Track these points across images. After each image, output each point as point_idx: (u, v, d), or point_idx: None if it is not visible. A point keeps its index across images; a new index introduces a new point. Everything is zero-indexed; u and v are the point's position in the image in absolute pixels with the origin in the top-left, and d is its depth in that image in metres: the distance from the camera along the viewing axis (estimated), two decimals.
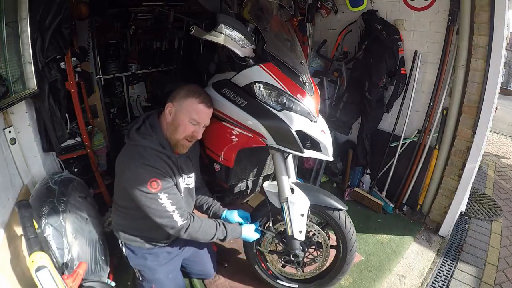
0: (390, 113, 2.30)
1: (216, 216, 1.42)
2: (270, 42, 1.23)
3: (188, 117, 1.14)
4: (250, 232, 1.36)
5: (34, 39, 1.27)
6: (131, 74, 3.31)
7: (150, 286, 1.35)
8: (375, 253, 1.86)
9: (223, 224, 1.29)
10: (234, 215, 1.40)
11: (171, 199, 1.12)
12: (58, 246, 1.15)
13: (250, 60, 1.23)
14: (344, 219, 1.34)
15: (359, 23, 2.29)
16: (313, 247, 1.47)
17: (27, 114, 1.39)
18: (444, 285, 1.65)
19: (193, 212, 1.41)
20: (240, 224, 1.38)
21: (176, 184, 1.20)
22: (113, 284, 1.34)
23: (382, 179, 2.39)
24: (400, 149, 2.26)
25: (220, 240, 1.28)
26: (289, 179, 1.31)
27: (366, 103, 2.18)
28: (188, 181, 1.30)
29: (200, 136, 1.21)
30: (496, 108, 2.71)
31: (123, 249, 1.36)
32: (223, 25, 1.12)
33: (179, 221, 1.15)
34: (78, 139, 1.93)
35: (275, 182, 1.32)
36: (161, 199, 1.10)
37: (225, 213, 1.41)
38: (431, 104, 2.06)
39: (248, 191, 1.57)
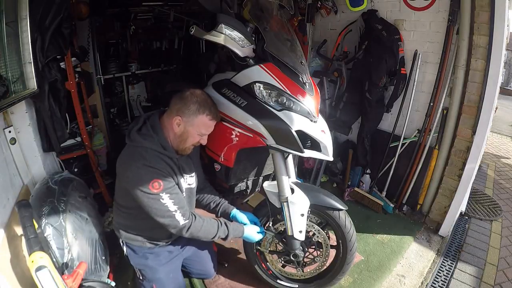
0: (390, 113, 2.30)
1: (225, 214, 1.41)
2: (270, 42, 1.23)
3: (198, 131, 1.18)
4: (252, 232, 1.35)
5: (34, 39, 1.26)
6: (131, 74, 3.31)
7: (150, 285, 1.35)
8: (375, 253, 1.86)
9: (225, 223, 1.29)
10: (242, 217, 1.39)
11: (173, 198, 1.12)
12: (58, 246, 1.15)
13: (250, 60, 1.23)
14: (344, 219, 1.34)
15: (359, 23, 2.29)
16: (313, 247, 1.47)
17: (27, 114, 1.39)
18: (444, 285, 1.65)
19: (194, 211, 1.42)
20: (244, 224, 1.38)
21: (178, 184, 1.20)
22: (113, 284, 1.35)
23: (382, 179, 2.39)
24: (400, 149, 2.26)
25: (222, 238, 1.28)
26: (289, 179, 1.31)
27: (366, 103, 2.18)
28: (189, 181, 1.30)
29: (205, 142, 1.24)
30: (496, 108, 2.71)
31: (124, 249, 1.36)
32: (223, 25, 1.12)
33: (181, 220, 1.15)
34: (78, 139, 1.93)
35: (275, 182, 1.32)
36: (163, 199, 1.10)
37: (234, 211, 1.40)
38: (431, 104, 2.05)
39: (248, 191, 1.57)
